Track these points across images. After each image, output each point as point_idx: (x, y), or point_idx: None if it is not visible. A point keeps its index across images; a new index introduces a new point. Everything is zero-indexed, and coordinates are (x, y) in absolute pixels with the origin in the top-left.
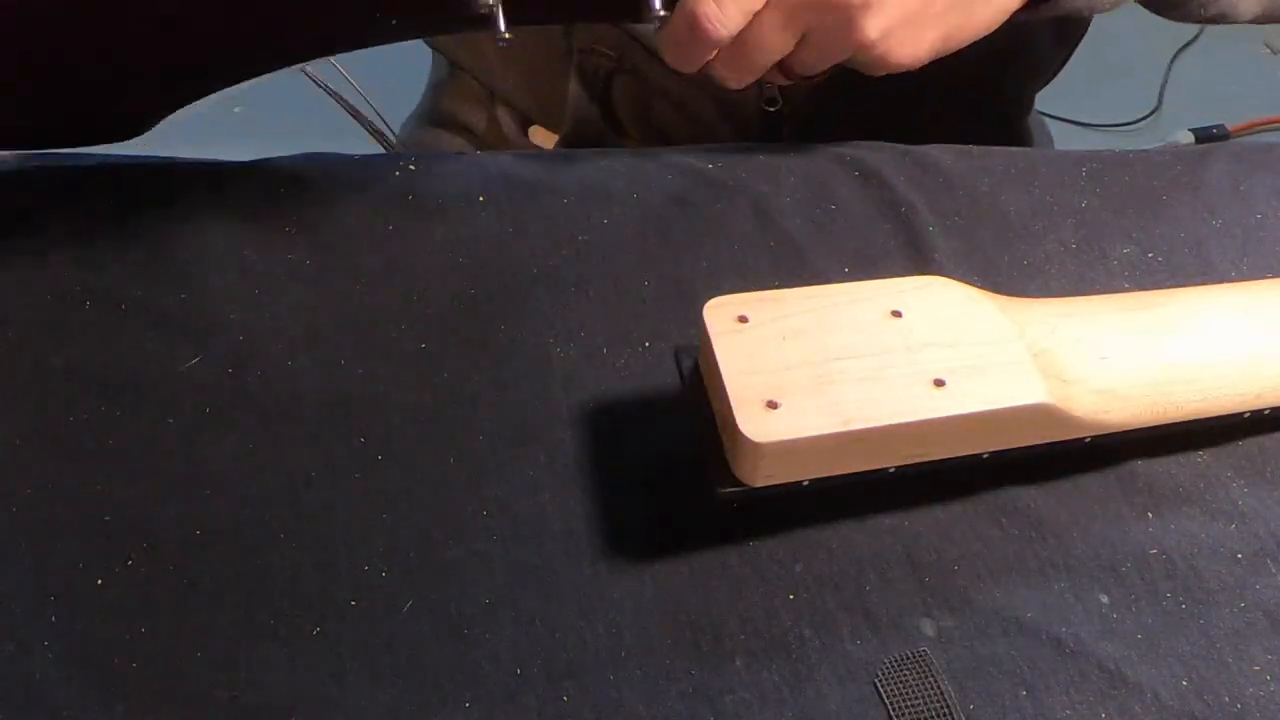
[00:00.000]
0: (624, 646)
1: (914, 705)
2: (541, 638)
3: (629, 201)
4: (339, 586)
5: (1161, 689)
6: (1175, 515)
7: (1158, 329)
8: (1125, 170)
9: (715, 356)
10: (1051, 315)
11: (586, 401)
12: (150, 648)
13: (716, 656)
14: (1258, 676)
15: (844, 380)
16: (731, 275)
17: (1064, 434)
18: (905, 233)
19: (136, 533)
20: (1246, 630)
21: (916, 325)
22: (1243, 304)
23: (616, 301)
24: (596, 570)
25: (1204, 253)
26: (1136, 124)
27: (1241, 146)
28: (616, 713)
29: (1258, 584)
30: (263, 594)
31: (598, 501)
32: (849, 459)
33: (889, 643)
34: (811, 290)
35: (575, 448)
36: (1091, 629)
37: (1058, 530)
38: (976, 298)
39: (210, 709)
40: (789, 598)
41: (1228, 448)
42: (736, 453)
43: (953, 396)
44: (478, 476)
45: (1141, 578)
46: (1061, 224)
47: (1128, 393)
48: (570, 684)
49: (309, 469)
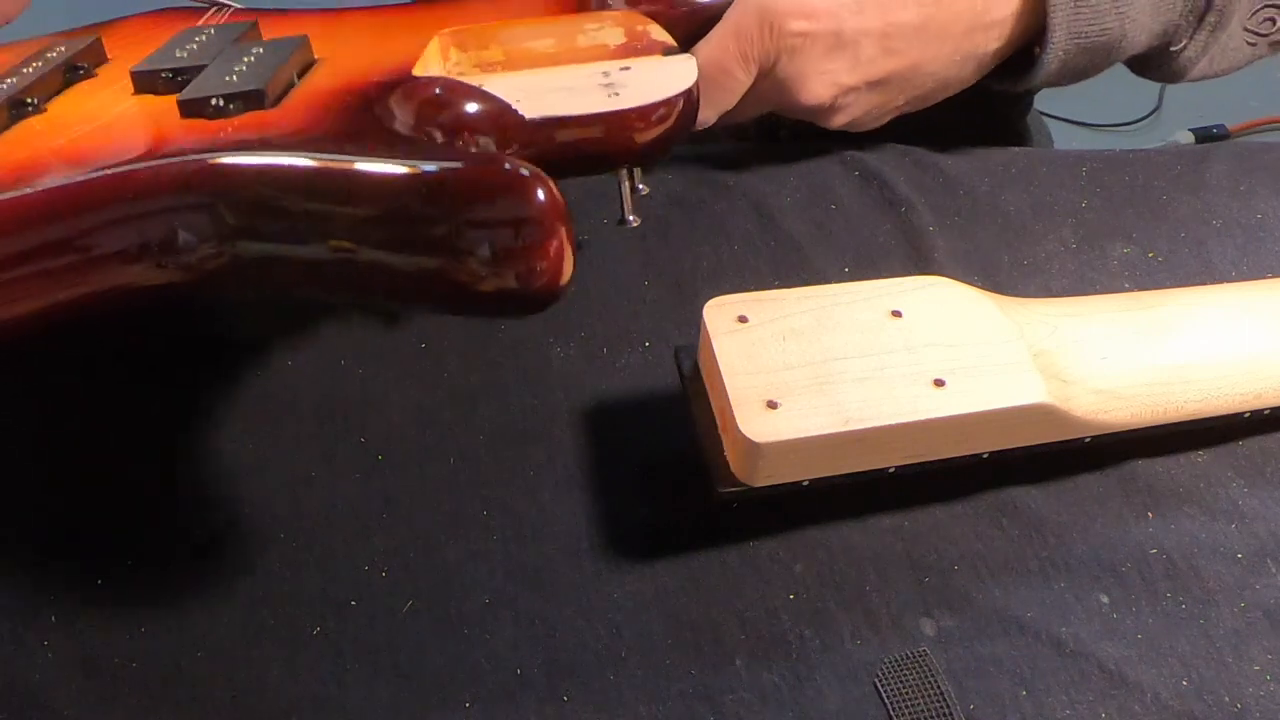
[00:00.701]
0: (624, 646)
1: (914, 705)
2: (541, 638)
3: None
4: (339, 586)
5: (1161, 689)
6: (1175, 515)
7: (1158, 329)
8: (1125, 170)
9: (715, 356)
10: (1051, 315)
11: (586, 401)
12: (150, 648)
13: (716, 656)
14: (1258, 676)
15: (844, 380)
16: (731, 275)
17: (1064, 434)
18: (905, 233)
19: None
20: (1246, 630)
21: (916, 325)
22: (1243, 304)
23: (616, 301)
24: (596, 570)
25: (1204, 253)
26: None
27: (1241, 146)
28: (616, 713)
29: (1258, 584)
30: (263, 594)
31: (598, 501)
32: (849, 459)
33: (889, 643)
34: (811, 290)
35: (575, 448)
36: (1091, 629)
37: (1058, 530)
38: (976, 298)
39: (210, 709)
40: (789, 598)
41: (1228, 448)
42: (736, 453)
43: (953, 396)
44: (478, 476)
45: (1141, 578)
46: (1061, 224)
47: (1128, 393)
48: (570, 684)
49: (309, 469)
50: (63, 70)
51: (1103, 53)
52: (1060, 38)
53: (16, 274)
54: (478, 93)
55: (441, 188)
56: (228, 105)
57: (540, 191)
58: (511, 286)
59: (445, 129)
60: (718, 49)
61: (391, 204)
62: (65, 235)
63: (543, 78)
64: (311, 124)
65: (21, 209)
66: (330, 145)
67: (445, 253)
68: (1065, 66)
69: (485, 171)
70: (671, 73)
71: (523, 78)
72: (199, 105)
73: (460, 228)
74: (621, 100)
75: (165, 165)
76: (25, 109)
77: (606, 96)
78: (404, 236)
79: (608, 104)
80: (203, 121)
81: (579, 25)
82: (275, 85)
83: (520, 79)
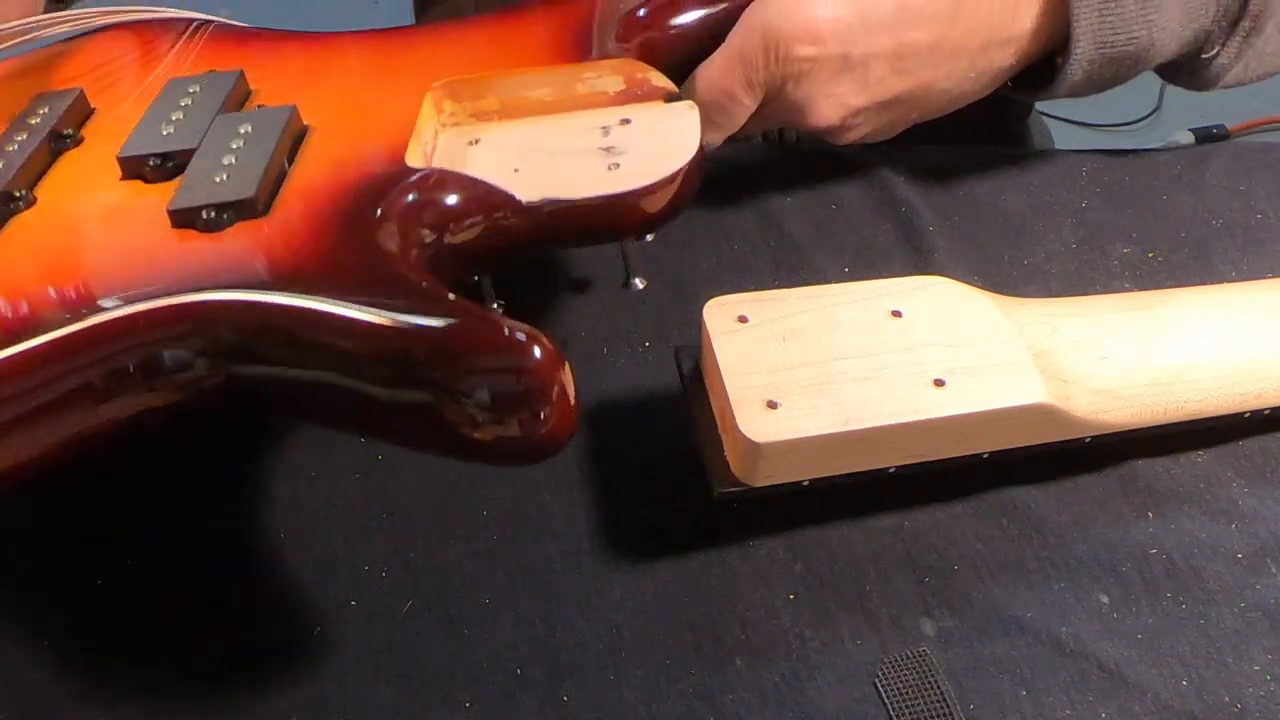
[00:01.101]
0: (624, 646)
1: (914, 705)
2: (541, 638)
3: None
4: (339, 586)
5: (1161, 689)
6: (1175, 515)
7: (1158, 329)
8: (1125, 170)
9: (715, 356)
10: (1051, 315)
11: (586, 401)
12: (150, 648)
13: (716, 656)
14: (1258, 676)
15: (844, 380)
16: (731, 275)
17: (1064, 434)
18: (905, 233)
19: (136, 534)
20: (1246, 630)
21: (916, 325)
22: (1243, 304)
23: (616, 301)
24: (596, 570)
25: (1204, 253)
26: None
27: (1241, 146)
28: (616, 713)
29: (1258, 584)
30: (263, 593)
31: (598, 501)
32: (849, 459)
33: (889, 643)
34: (811, 290)
35: (575, 448)
36: (1091, 629)
37: (1058, 530)
38: (976, 298)
39: (210, 709)
40: (789, 598)
41: (1228, 448)
42: (736, 453)
43: (953, 396)
44: (478, 476)
45: (1141, 578)
46: (1061, 224)
47: (1128, 393)
48: (570, 684)
49: (309, 469)
50: (49, 141)
51: (1130, 62)
52: (1085, 48)
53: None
54: (472, 182)
55: (439, 349)
56: (220, 216)
57: (537, 350)
58: (514, 435)
59: (441, 226)
60: (721, 73)
61: (386, 360)
62: (60, 377)
63: (540, 133)
64: (307, 243)
65: (22, 361)
66: (327, 281)
67: (441, 402)
68: (1090, 77)
69: (481, 336)
70: (673, 133)
71: (519, 131)
72: (189, 215)
73: (454, 392)
74: (622, 177)
75: (161, 309)
76: (15, 204)
77: (606, 169)
78: (398, 389)
79: (607, 182)
80: (195, 236)
81: (577, 74)
82: (266, 182)
83: (516, 133)
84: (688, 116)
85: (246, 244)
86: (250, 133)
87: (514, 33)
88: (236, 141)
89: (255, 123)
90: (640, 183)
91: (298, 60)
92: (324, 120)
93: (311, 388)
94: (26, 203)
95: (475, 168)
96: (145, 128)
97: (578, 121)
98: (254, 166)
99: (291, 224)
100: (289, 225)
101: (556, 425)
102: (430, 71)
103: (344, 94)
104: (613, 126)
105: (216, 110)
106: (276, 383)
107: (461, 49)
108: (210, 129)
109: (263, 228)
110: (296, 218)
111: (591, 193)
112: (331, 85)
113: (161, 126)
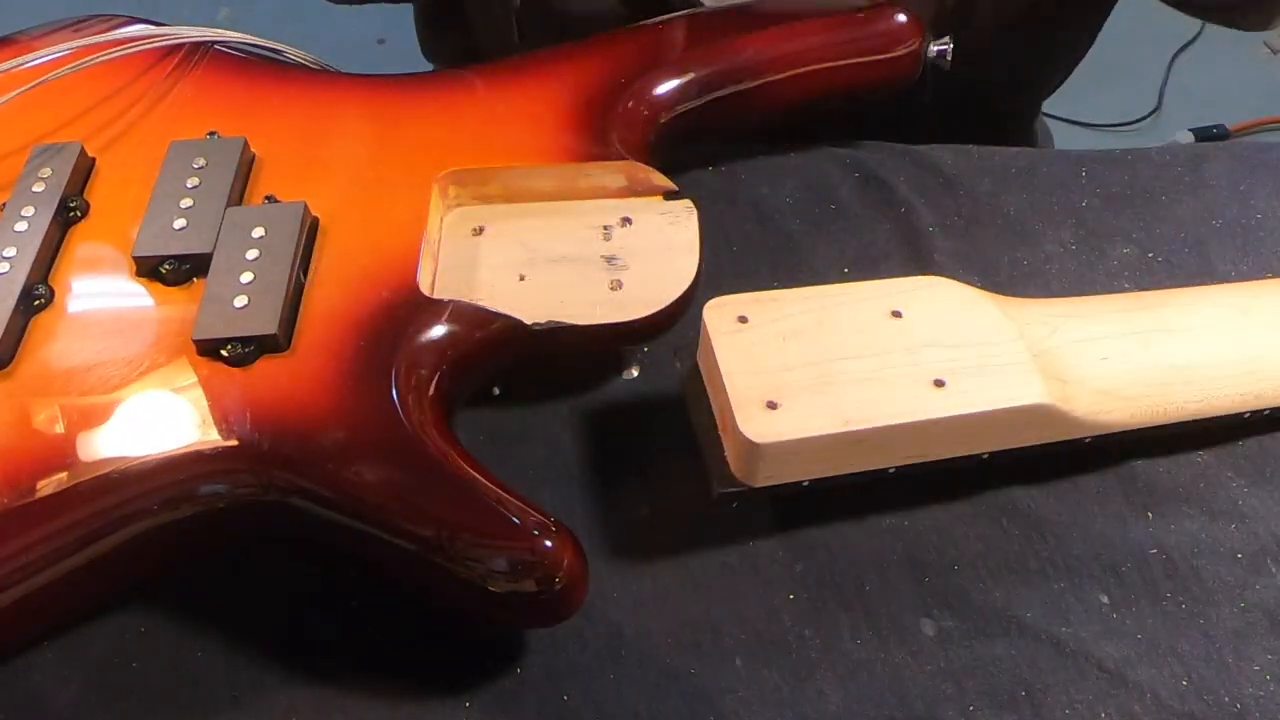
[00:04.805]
0: (624, 646)
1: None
2: (541, 638)
3: None
4: (339, 586)
5: (1161, 689)
6: (1175, 515)
7: (1158, 329)
8: (1125, 170)
9: (715, 357)
10: (1051, 315)
11: (586, 401)
12: (150, 648)
13: (716, 656)
14: (1258, 676)
15: (844, 380)
16: (731, 275)
17: (1064, 434)
18: (905, 233)
19: None
20: (1246, 630)
21: (916, 325)
22: (1243, 304)
23: None
24: (596, 570)
25: (1204, 253)
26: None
27: (1241, 146)
28: (616, 713)
29: (1258, 584)
30: (263, 593)
31: (597, 501)
32: (849, 459)
33: (889, 643)
34: (811, 291)
35: (575, 447)
36: (1091, 629)
37: (1058, 530)
38: (976, 298)
39: (210, 709)
40: (789, 598)
41: (1228, 448)
42: (736, 453)
43: (953, 396)
44: None
45: (1141, 578)
46: (1061, 224)
47: (1128, 393)
48: (570, 684)
49: None
50: (57, 216)
51: None
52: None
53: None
54: (482, 313)
55: (452, 539)
56: (245, 350)
57: (567, 559)
58: (527, 603)
59: (455, 359)
60: None
61: (416, 550)
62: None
63: (543, 229)
64: (330, 394)
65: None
66: (352, 444)
67: (469, 583)
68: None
69: (515, 542)
70: (673, 250)
71: (523, 223)
72: (213, 346)
73: (484, 577)
74: (625, 302)
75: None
76: (36, 302)
77: (609, 290)
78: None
79: (611, 309)
80: (222, 369)
81: (580, 170)
82: (286, 306)
83: (520, 224)
84: (688, 224)
85: (274, 388)
86: (265, 239)
87: (520, 94)
88: (252, 251)
89: (268, 225)
90: (642, 312)
91: (298, 115)
92: (333, 211)
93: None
94: (45, 301)
95: (483, 287)
96: (155, 219)
97: (580, 220)
98: (274, 289)
99: (313, 367)
100: (311, 367)
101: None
102: (435, 150)
103: (351, 176)
104: (614, 227)
105: (225, 197)
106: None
107: (468, 111)
108: (223, 227)
109: (287, 368)
110: (318, 360)
111: (595, 320)
112: (337, 161)
113: (172, 218)
